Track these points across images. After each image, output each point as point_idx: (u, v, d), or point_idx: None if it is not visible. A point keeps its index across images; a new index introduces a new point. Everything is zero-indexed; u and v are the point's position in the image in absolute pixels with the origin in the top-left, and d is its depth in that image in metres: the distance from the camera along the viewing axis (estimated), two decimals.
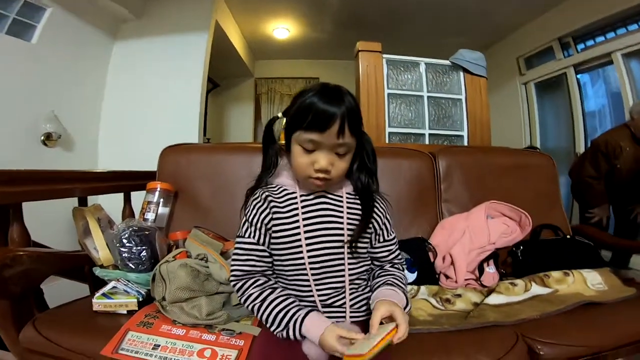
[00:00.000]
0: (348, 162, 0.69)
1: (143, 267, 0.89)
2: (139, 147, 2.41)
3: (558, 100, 3.45)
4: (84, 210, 0.95)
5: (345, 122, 0.63)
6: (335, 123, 0.62)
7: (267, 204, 0.71)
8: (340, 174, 0.68)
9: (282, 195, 0.72)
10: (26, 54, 2.01)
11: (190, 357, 0.68)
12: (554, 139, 3.60)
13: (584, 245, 1.22)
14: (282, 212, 0.71)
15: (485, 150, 1.46)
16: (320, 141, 0.63)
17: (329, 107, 0.62)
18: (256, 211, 0.71)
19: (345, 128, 0.63)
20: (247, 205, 0.74)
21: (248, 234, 0.70)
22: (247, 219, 0.71)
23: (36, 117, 2.04)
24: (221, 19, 3.09)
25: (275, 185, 0.75)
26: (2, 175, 0.82)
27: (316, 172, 0.65)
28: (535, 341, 0.78)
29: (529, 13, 3.33)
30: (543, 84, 3.61)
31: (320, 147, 0.64)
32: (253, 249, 0.69)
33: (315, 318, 0.62)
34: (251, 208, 0.72)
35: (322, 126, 0.62)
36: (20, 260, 0.76)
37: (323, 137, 0.63)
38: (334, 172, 0.66)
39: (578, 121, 3.16)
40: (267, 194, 0.72)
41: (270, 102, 4.91)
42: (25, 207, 0.88)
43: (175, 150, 1.25)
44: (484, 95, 1.91)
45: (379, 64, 1.85)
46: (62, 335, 0.74)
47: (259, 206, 0.71)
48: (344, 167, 0.68)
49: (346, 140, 0.64)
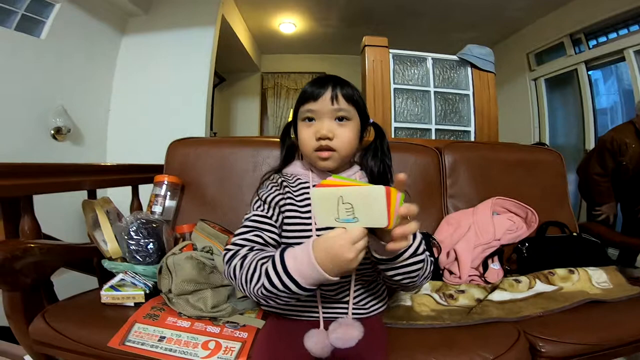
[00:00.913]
0: (351, 132, 0.72)
1: (150, 260, 0.90)
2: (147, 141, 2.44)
3: (568, 97, 3.40)
4: (93, 203, 0.97)
5: (337, 88, 0.70)
6: (327, 89, 0.69)
7: (282, 188, 0.73)
8: (345, 146, 0.71)
9: (296, 184, 0.75)
10: (36, 50, 2.03)
11: (195, 349, 0.69)
12: (563, 136, 3.55)
13: (590, 243, 1.20)
14: (296, 199, 0.73)
15: (492, 146, 1.44)
16: (317, 109, 0.70)
17: (320, 80, 0.72)
18: (271, 190, 0.73)
19: (338, 94, 0.69)
20: (262, 186, 0.76)
21: (260, 209, 0.71)
22: (259, 198, 0.73)
23: (46, 112, 2.08)
24: (228, 14, 3.09)
25: (290, 175, 0.78)
26: (13, 168, 0.84)
27: (318, 141, 0.69)
28: (537, 338, 0.78)
29: (540, 9, 3.27)
30: (553, 80, 3.55)
31: (319, 115, 0.70)
32: (263, 222, 0.69)
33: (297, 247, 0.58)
34: (266, 189, 0.74)
35: (315, 94, 0.70)
36: (32, 252, 0.77)
37: (318, 104, 0.70)
38: (337, 142, 0.70)
39: (588, 118, 3.12)
40: (283, 179, 0.75)
41: (276, 97, 4.91)
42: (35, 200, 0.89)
43: (182, 143, 1.26)
44: (492, 91, 1.89)
45: (385, 59, 1.84)
46: (70, 328, 0.75)
47: (274, 187, 0.73)
48: (348, 137, 0.71)
49: (341, 106, 0.70)
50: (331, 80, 0.71)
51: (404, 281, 0.63)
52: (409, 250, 0.59)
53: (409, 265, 0.60)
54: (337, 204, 0.49)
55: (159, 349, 0.69)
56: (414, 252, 0.60)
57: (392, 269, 0.61)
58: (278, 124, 4.87)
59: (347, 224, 0.51)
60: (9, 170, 0.83)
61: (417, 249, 0.61)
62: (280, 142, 0.85)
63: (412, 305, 0.89)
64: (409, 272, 0.61)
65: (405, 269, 0.61)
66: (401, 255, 0.59)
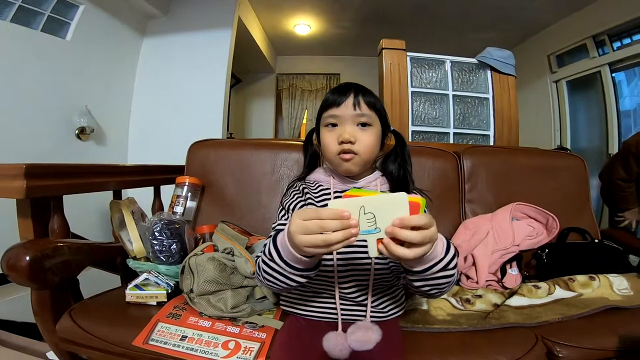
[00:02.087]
0: (372, 137, 0.73)
1: (173, 260, 0.92)
2: (165, 141, 2.50)
3: (591, 99, 3.31)
4: (120, 204, 0.99)
5: (359, 95, 0.72)
6: (349, 96, 0.72)
7: (304, 195, 0.77)
8: (366, 150, 0.72)
9: (317, 190, 0.78)
10: (61, 51, 2.10)
11: (215, 349, 0.70)
12: (585, 139, 3.46)
13: (612, 250, 1.18)
14: (317, 205, 0.75)
15: (512, 151, 1.42)
16: (340, 114, 0.72)
17: (343, 87, 0.74)
18: (294, 199, 0.76)
19: (360, 100, 0.71)
20: (286, 194, 0.80)
21: (285, 218, 0.75)
22: (283, 207, 0.77)
23: (71, 112, 2.14)
24: (244, 16, 3.13)
25: (312, 181, 0.81)
26: (46, 168, 0.86)
27: (340, 145, 0.71)
28: (555, 343, 0.77)
29: (562, 10, 3.19)
30: (575, 82, 3.46)
31: (341, 121, 0.72)
32: None
33: None
34: (289, 197, 0.78)
35: (338, 101, 0.72)
36: (61, 251, 0.79)
37: (340, 109, 0.72)
38: (358, 145, 0.71)
39: (612, 121, 3.03)
40: (304, 186, 0.79)
41: (291, 98, 4.93)
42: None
43: (203, 145, 1.28)
44: (512, 94, 1.86)
45: (402, 62, 1.83)
46: (96, 326, 0.76)
47: (296, 195, 0.77)
48: (370, 142, 0.72)
49: (363, 112, 0.71)
50: (353, 87, 0.74)
51: (431, 291, 0.62)
52: (440, 263, 0.57)
53: (438, 278, 0.59)
54: (358, 215, 0.48)
55: (181, 348, 0.71)
56: (445, 266, 0.58)
57: (421, 279, 0.59)
58: (293, 125, 4.89)
59: (369, 235, 0.49)
60: (43, 171, 0.85)
61: (449, 264, 0.58)
62: (303, 150, 0.88)
63: (428, 309, 0.89)
64: (437, 285, 0.60)
65: (434, 281, 0.59)
66: (432, 267, 0.57)
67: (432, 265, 0.56)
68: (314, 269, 0.60)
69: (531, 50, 3.78)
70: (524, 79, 3.61)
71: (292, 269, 0.58)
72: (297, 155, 1.23)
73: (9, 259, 0.73)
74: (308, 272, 0.59)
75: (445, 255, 0.57)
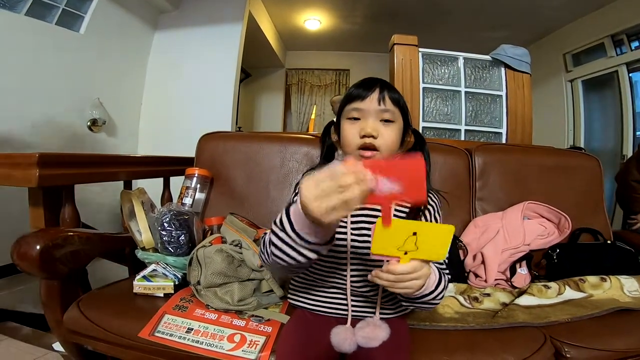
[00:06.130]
0: (394, 133, 0.72)
1: (181, 251, 0.92)
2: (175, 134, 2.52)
3: (606, 99, 3.24)
4: (131, 194, 0.99)
5: (384, 91, 0.71)
6: (374, 91, 0.70)
7: None
8: (388, 146, 0.71)
9: None
10: (75, 44, 2.12)
11: (220, 342, 0.70)
12: (599, 140, 3.40)
13: (624, 251, 1.16)
14: None
15: (525, 149, 1.40)
16: (363, 108, 0.71)
17: (368, 81, 0.73)
18: None
19: (385, 95, 0.70)
20: (300, 182, 0.76)
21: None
22: (297, 194, 0.73)
23: (83, 104, 2.17)
24: (254, 10, 3.13)
25: None
26: (59, 158, 0.87)
27: (362, 139, 0.70)
28: (563, 343, 0.77)
29: (580, 8, 3.13)
30: (591, 81, 3.39)
31: (364, 115, 0.71)
32: None
33: None
34: None
35: (363, 95, 0.71)
36: (72, 241, 0.79)
37: (365, 103, 0.70)
38: (380, 140, 0.70)
39: (628, 122, 2.97)
40: None
41: (300, 93, 4.93)
42: None
43: (212, 137, 1.28)
44: (527, 92, 1.82)
45: (414, 58, 1.80)
46: (103, 317, 0.75)
47: None
48: (392, 138, 0.71)
49: (388, 107, 0.70)
50: (379, 82, 0.73)
51: (418, 309, 0.67)
52: (428, 296, 0.60)
53: (424, 303, 0.62)
54: (405, 237, 0.51)
55: (187, 340, 0.71)
56: (433, 297, 0.61)
57: (407, 301, 0.63)
58: (301, 120, 4.89)
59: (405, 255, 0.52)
60: (55, 160, 0.86)
61: (437, 296, 0.61)
62: (320, 141, 0.88)
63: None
64: (420, 307, 0.65)
65: (419, 305, 0.63)
66: (421, 297, 0.60)
67: (421, 296, 0.59)
68: (326, 244, 0.57)
69: (546, 49, 3.71)
70: (538, 77, 3.54)
71: (303, 241, 0.54)
72: (306, 148, 1.23)
73: (20, 247, 0.72)
74: (319, 247, 0.56)
75: (435, 289, 0.60)
